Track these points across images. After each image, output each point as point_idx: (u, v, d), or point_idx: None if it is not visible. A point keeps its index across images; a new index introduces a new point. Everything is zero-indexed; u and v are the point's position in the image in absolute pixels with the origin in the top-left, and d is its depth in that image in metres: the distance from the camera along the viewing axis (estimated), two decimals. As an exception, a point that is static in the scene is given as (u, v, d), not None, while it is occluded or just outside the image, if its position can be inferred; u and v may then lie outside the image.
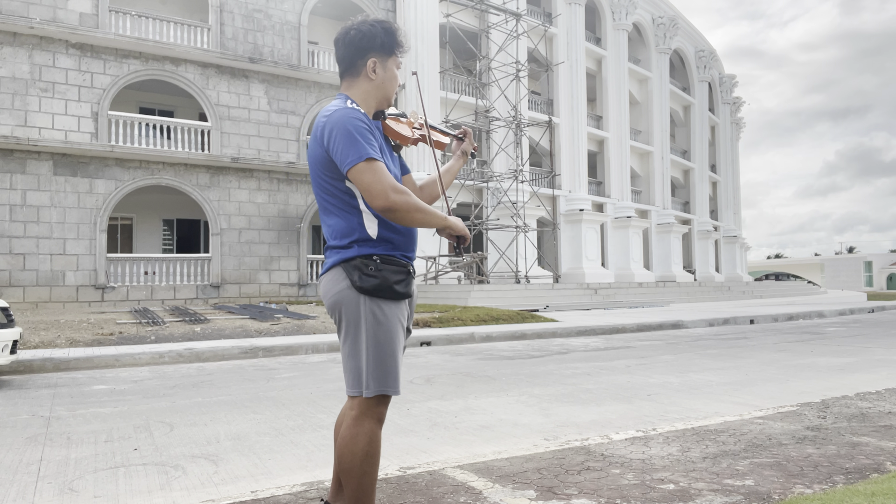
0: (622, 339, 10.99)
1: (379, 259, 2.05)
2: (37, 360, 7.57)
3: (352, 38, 2.14)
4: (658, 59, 34.16)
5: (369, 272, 2.03)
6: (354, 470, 2.04)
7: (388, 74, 2.18)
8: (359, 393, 2.05)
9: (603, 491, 2.78)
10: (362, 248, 2.05)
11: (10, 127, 16.25)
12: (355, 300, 2.04)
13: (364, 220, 2.07)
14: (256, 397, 5.59)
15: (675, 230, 32.84)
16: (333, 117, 2.01)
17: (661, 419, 4.46)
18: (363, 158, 1.95)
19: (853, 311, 18.36)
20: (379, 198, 1.94)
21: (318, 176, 2.10)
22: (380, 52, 2.15)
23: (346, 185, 2.06)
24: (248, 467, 3.42)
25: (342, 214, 2.08)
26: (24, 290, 16.20)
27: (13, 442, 4.08)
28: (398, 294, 2.06)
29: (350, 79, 2.19)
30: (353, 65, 2.16)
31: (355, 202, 2.07)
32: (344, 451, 2.05)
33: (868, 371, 6.66)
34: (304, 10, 21.09)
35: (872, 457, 3.23)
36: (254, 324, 11.57)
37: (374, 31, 2.14)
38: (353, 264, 2.05)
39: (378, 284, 2.03)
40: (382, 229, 2.08)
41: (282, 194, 20.23)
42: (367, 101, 2.17)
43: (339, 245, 2.08)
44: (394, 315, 2.06)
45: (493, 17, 24.69)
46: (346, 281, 2.05)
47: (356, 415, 2.05)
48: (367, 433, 2.04)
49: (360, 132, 1.98)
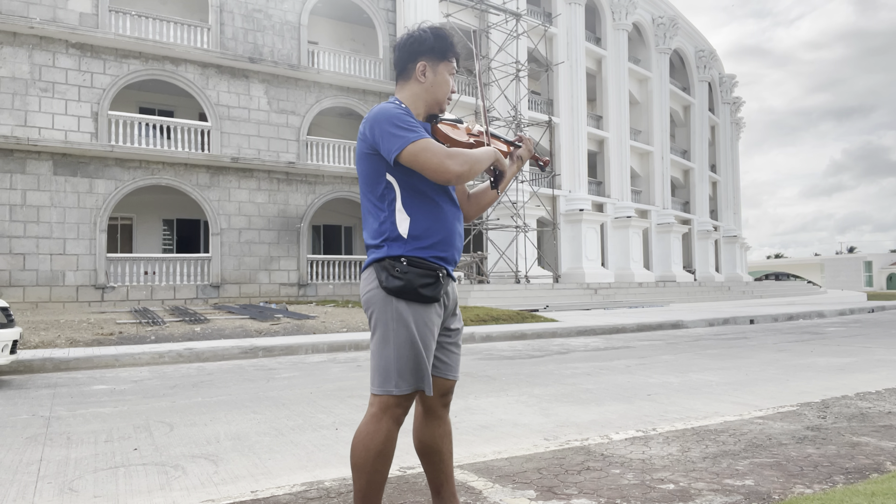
0: (622, 338, 10.99)
1: (406, 261, 2.06)
2: (37, 360, 7.57)
3: (404, 42, 2.20)
4: (658, 58, 34.15)
5: (395, 273, 2.04)
6: (367, 466, 2.04)
7: (439, 78, 2.21)
8: (374, 390, 2.07)
9: (603, 491, 2.78)
10: (392, 248, 2.07)
11: (10, 127, 16.24)
12: (383, 300, 2.06)
13: (396, 218, 2.09)
14: (256, 397, 5.59)
15: (675, 230, 32.83)
16: (373, 112, 2.08)
17: (661, 419, 4.46)
18: (411, 141, 1.99)
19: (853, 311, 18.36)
20: (441, 171, 1.99)
21: (363, 175, 2.15)
22: (430, 55, 2.19)
23: (387, 178, 2.09)
24: (248, 467, 3.42)
25: (377, 213, 2.12)
26: (24, 290, 16.19)
27: (13, 442, 4.08)
28: (423, 297, 2.05)
29: (402, 82, 2.24)
30: (404, 68, 2.22)
31: (392, 197, 2.10)
32: (358, 445, 2.06)
33: (868, 371, 6.66)
34: (304, 9, 21.09)
35: (872, 457, 3.23)
36: (254, 324, 11.57)
37: (425, 36, 2.19)
38: (382, 265, 2.07)
39: (402, 287, 2.03)
40: (414, 228, 2.08)
41: (282, 194, 20.22)
42: (416, 104, 2.21)
43: (372, 244, 2.13)
44: (419, 317, 2.06)
45: (493, 16, 24.69)
46: (375, 281, 2.08)
47: (374, 412, 2.06)
48: (384, 431, 2.05)
49: (399, 119, 2.03)
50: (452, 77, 2.25)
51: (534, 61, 27.55)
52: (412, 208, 2.08)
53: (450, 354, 2.24)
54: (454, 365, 2.26)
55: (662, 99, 34.06)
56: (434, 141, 2.03)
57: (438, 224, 2.11)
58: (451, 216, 2.15)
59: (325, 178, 21.04)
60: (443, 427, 2.28)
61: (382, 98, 22.63)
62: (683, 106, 38.20)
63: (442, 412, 2.28)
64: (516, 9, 24.28)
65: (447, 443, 2.29)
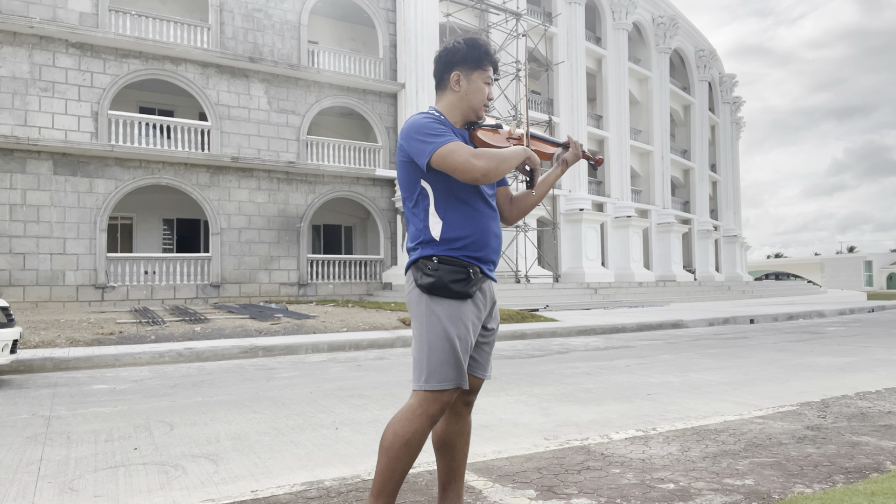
0: (622, 338, 10.99)
1: (437, 259, 2.14)
2: (37, 360, 7.57)
3: (440, 55, 2.30)
4: (658, 58, 34.14)
5: (427, 271, 2.13)
6: (390, 451, 2.10)
7: (473, 87, 2.28)
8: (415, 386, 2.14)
9: (603, 490, 2.78)
10: (425, 250, 2.17)
11: (10, 126, 16.24)
12: (418, 299, 2.15)
13: (430, 222, 2.17)
14: (256, 397, 5.59)
15: (675, 230, 32.82)
16: (405, 127, 2.18)
17: (661, 419, 4.46)
18: (438, 146, 2.08)
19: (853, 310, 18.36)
20: (467, 171, 2.06)
21: (401, 181, 2.25)
22: (463, 65, 2.27)
23: (421, 185, 2.18)
24: (248, 467, 3.42)
25: (414, 219, 2.22)
26: (24, 289, 16.19)
27: (13, 441, 4.08)
28: (455, 293, 2.11)
29: (440, 92, 2.33)
30: (441, 79, 2.31)
31: (426, 203, 2.18)
32: (388, 429, 2.12)
33: (868, 370, 6.66)
34: (304, 9, 21.08)
35: (872, 456, 3.23)
36: (254, 323, 11.57)
37: (458, 47, 2.28)
38: (417, 265, 2.17)
39: (433, 283, 2.11)
40: (447, 231, 2.16)
41: (282, 194, 20.22)
42: (452, 112, 2.29)
43: (410, 247, 2.22)
44: (453, 313, 2.11)
45: (493, 16, 24.68)
46: (412, 281, 2.18)
47: (412, 404, 2.12)
48: (415, 424, 2.10)
49: (426, 128, 2.12)
50: (489, 85, 2.30)
51: (534, 61, 27.54)
52: (445, 212, 2.16)
53: (481, 353, 2.29)
54: (484, 364, 2.31)
55: (662, 98, 34.05)
56: (461, 143, 2.11)
57: (471, 226, 2.17)
58: (486, 217, 2.22)
59: (325, 177, 21.04)
60: (461, 425, 2.32)
61: (382, 98, 22.64)
62: (683, 105, 38.19)
63: (463, 410, 2.32)
64: (516, 8, 24.26)
65: (462, 442, 2.33)
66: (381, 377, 6.69)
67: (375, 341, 9.81)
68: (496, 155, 2.10)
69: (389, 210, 22.46)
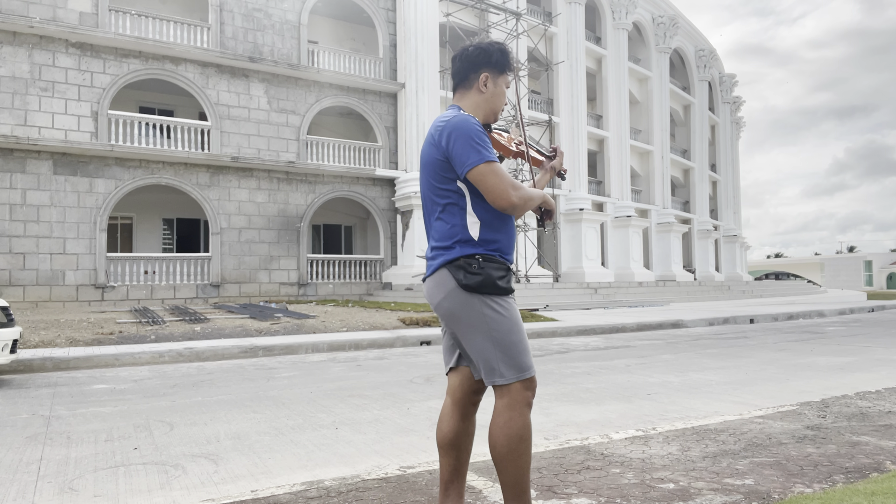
0: (622, 338, 10.99)
1: (481, 258, 2.15)
2: (37, 360, 7.57)
3: (469, 53, 2.31)
4: (658, 58, 34.14)
5: (473, 270, 2.13)
6: (512, 453, 2.09)
7: (498, 90, 2.32)
8: (493, 382, 2.14)
9: (603, 490, 2.78)
10: (464, 249, 2.16)
11: (9, 126, 16.23)
12: (468, 299, 2.13)
13: (467, 222, 2.17)
14: (256, 396, 5.59)
15: (674, 229, 32.82)
16: (452, 122, 2.16)
17: (661, 418, 4.46)
18: (484, 161, 2.09)
19: (853, 310, 18.36)
20: (503, 198, 2.09)
21: (431, 177, 2.22)
22: (492, 68, 2.30)
23: (458, 185, 2.18)
24: (248, 466, 3.42)
25: (447, 217, 2.19)
26: (24, 289, 16.19)
27: (13, 441, 4.08)
28: (501, 289, 2.15)
29: (463, 91, 2.34)
30: (466, 78, 2.32)
31: (463, 203, 2.18)
32: (499, 436, 2.10)
33: (868, 370, 6.66)
34: (304, 9, 21.08)
35: (872, 456, 3.23)
36: (254, 323, 11.57)
37: (491, 49, 2.31)
38: (456, 265, 2.15)
39: (482, 281, 2.12)
40: (484, 232, 2.18)
41: (282, 193, 20.22)
42: (475, 113, 2.31)
43: (443, 246, 2.19)
44: (510, 305, 2.17)
45: (493, 16, 24.67)
46: (452, 282, 2.15)
47: (506, 402, 2.12)
48: (519, 417, 2.11)
49: (479, 137, 2.12)
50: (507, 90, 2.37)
51: (534, 60, 27.54)
52: (482, 213, 2.17)
53: None
54: None
55: (662, 98, 34.05)
56: (500, 166, 2.13)
57: (504, 229, 2.23)
58: (511, 223, 2.28)
59: (325, 177, 21.04)
60: (468, 425, 2.33)
61: (382, 97, 22.63)
62: (683, 105, 38.19)
63: (471, 410, 2.33)
64: (516, 8, 24.26)
65: (468, 442, 2.34)
66: (381, 377, 6.69)
67: (375, 341, 9.81)
68: (527, 193, 2.16)
69: (389, 210, 22.46)
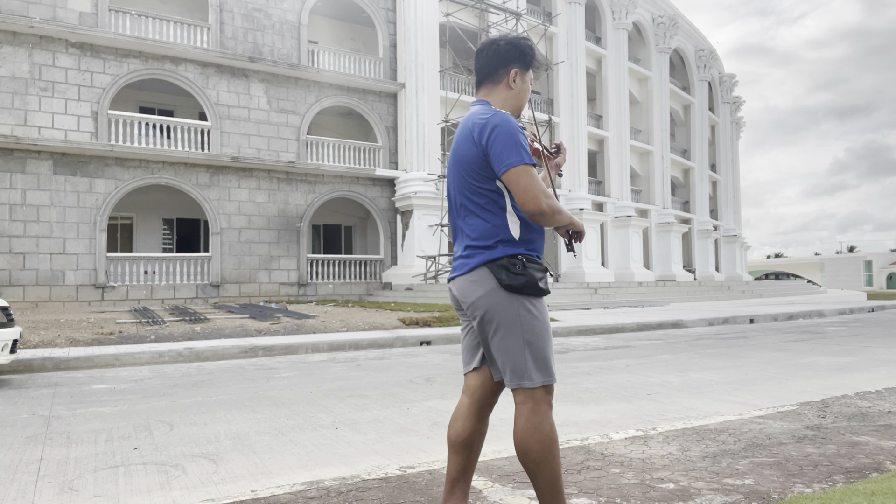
0: (622, 338, 10.99)
1: (524, 258, 2.14)
2: (37, 360, 7.57)
3: (499, 48, 2.28)
4: (658, 58, 34.14)
5: (516, 271, 2.11)
6: (545, 456, 2.10)
7: (525, 87, 2.32)
8: (521, 385, 2.12)
9: (603, 490, 2.78)
10: (507, 248, 2.14)
11: (9, 126, 16.23)
12: (507, 299, 2.12)
13: (508, 221, 2.16)
14: (256, 396, 5.59)
15: (674, 229, 32.82)
16: (494, 119, 2.12)
17: (661, 418, 4.46)
18: (523, 163, 2.06)
19: (853, 310, 18.36)
20: (533, 202, 2.05)
21: (467, 175, 2.18)
22: (521, 63, 2.29)
23: (497, 184, 2.15)
24: (248, 466, 3.42)
25: (486, 215, 2.16)
26: (23, 289, 16.19)
27: (13, 441, 4.08)
28: (542, 291, 2.15)
29: (490, 86, 2.31)
30: (494, 73, 2.29)
31: (503, 202, 2.16)
32: (530, 441, 2.10)
33: (868, 370, 6.66)
34: (303, 9, 21.08)
35: (872, 456, 3.23)
36: (254, 323, 11.57)
37: (521, 44, 2.29)
38: (499, 264, 2.12)
39: (526, 282, 2.11)
40: (524, 231, 2.17)
41: (282, 194, 20.22)
42: (503, 109, 2.28)
43: (483, 245, 2.15)
44: (544, 308, 2.18)
45: (493, 16, 24.67)
46: (493, 281, 2.13)
47: (532, 406, 2.12)
48: (547, 420, 2.12)
49: (520, 136, 2.10)
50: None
51: (534, 61, 27.52)
52: (520, 213, 2.16)
53: None
54: None
55: (662, 98, 34.05)
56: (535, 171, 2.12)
57: (539, 228, 2.22)
58: None
59: (325, 177, 21.04)
60: (482, 426, 2.33)
61: (382, 97, 22.64)
62: (683, 105, 38.20)
63: (486, 411, 2.33)
64: (516, 8, 24.27)
65: (479, 442, 2.34)
66: (381, 377, 6.69)
67: (375, 341, 9.81)
68: (557, 205, 2.13)
69: (389, 210, 22.46)
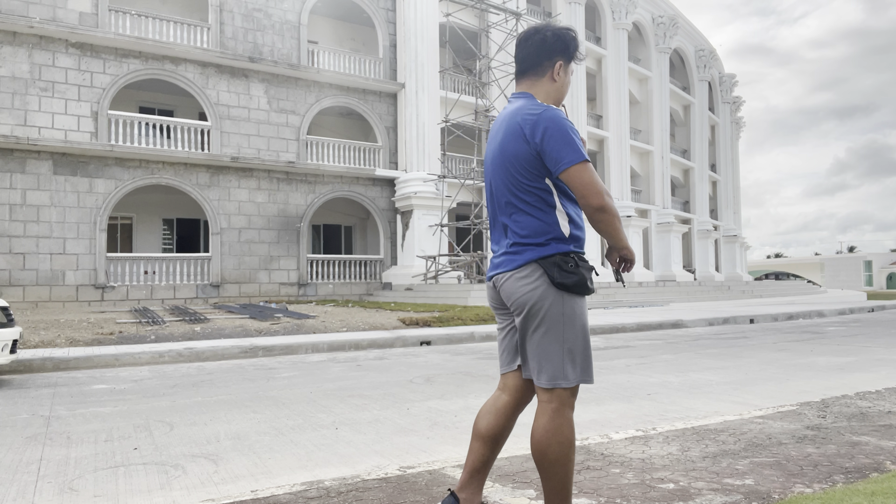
0: (622, 338, 10.99)
1: (576, 257, 2.14)
2: (37, 360, 7.57)
3: (544, 39, 2.22)
4: (658, 58, 34.14)
5: (569, 269, 2.10)
6: (562, 458, 2.09)
7: (567, 79, 2.28)
8: (556, 385, 2.11)
9: (603, 490, 2.78)
10: (559, 246, 2.13)
11: (9, 126, 16.23)
12: (554, 296, 2.10)
13: (559, 219, 2.14)
14: (256, 397, 5.59)
15: (674, 229, 32.82)
16: (546, 115, 2.09)
17: (661, 418, 4.46)
18: (582, 159, 2.05)
19: (853, 310, 18.35)
20: (597, 197, 2.04)
21: (516, 172, 2.15)
22: (565, 56, 2.25)
23: (545, 182, 2.13)
24: (248, 467, 3.42)
25: (536, 212, 2.14)
26: (23, 289, 16.19)
27: (13, 441, 4.08)
28: (589, 290, 2.15)
29: (533, 78, 2.26)
30: (538, 65, 2.24)
31: (552, 200, 2.14)
32: (551, 442, 2.09)
33: (868, 370, 6.65)
34: (304, 9, 21.08)
35: (872, 456, 3.23)
36: (254, 323, 11.57)
37: (566, 37, 2.23)
38: (551, 261, 2.11)
39: (577, 281, 2.10)
40: (574, 229, 2.16)
41: (282, 194, 20.22)
42: (547, 102, 2.23)
43: (534, 242, 2.13)
44: (586, 309, 2.17)
45: (493, 16, 24.68)
46: (543, 277, 2.11)
47: (555, 406, 2.11)
48: (569, 422, 2.12)
49: (574, 133, 2.08)
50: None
51: (534, 61, 27.55)
52: (569, 210, 2.16)
53: None
54: None
55: (662, 98, 34.05)
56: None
57: (584, 226, 2.22)
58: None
59: (325, 177, 21.04)
60: (512, 423, 2.34)
61: (382, 97, 22.64)
62: (683, 105, 38.20)
63: (521, 409, 2.34)
64: (516, 8, 24.27)
65: (505, 438, 2.35)
66: (381, 377, 6.69)
67: (375, 341, 9.81)
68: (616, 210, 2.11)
69: (389, 210, 22.46)
